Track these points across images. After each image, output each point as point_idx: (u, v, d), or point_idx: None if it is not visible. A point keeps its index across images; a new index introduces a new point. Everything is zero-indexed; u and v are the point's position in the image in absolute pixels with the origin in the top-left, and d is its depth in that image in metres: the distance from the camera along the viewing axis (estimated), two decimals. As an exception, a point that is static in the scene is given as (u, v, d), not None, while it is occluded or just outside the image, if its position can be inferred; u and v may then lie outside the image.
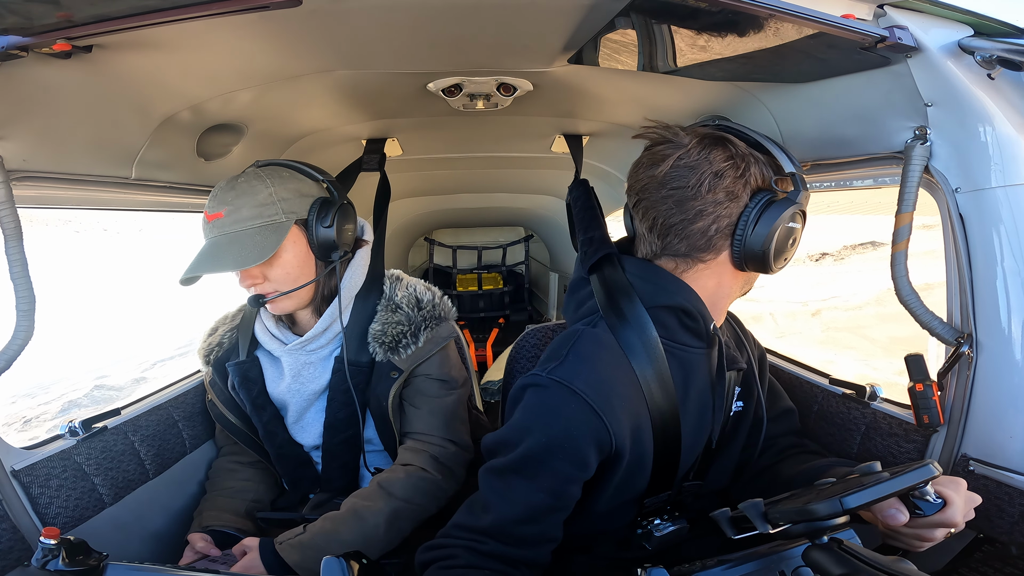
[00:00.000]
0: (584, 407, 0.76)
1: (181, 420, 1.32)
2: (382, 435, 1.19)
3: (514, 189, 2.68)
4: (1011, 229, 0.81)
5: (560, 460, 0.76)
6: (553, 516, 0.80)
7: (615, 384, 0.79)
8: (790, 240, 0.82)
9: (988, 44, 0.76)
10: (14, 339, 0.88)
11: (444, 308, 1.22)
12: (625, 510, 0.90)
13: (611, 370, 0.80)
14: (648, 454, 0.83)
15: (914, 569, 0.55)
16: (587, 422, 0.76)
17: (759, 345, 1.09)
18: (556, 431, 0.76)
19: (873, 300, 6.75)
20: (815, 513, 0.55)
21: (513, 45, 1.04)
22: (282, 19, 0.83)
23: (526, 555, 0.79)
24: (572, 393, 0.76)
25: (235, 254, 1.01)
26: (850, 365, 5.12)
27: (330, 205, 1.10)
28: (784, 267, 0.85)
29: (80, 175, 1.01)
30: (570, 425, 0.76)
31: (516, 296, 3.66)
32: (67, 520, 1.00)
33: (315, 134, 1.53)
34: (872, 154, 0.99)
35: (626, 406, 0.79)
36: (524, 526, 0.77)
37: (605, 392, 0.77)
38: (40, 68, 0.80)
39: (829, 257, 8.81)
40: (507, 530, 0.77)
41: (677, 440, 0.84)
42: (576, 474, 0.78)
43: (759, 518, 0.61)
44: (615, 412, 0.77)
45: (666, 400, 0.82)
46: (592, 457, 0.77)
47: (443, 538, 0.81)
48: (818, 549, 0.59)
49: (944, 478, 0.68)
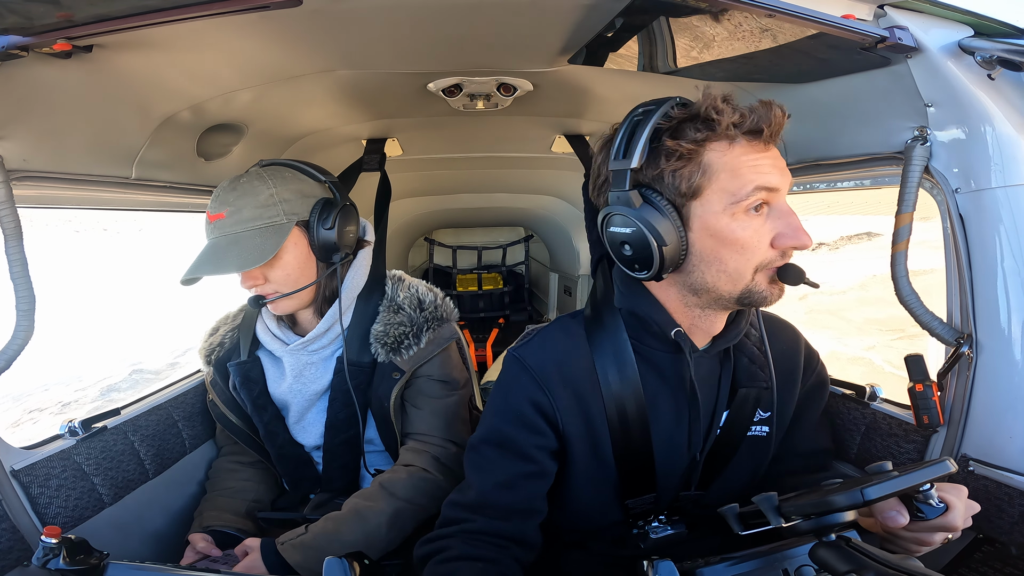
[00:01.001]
0: (531, 379, 0.85)
1: (181, 420, 1.32)
2: (383, 435, 1.19)
3: (514, 189, 2.68)
4: (1011, 229, 0.81)
5: (516, 427, 0.85)
6: (530, 484, 0.85)
7: (564, 366, 0.85)
8: (621, 244, 0.79)
9: (988, 44, 0.76)
10: (14, 339, 0.88)
11: (446, 309, 1.22)
12: (609, 508, 0.90)
13: (564, 354, 0.87)
14: (604, 443, 0.85)
15: (921, 566, 0.55)
16: (532, 393, 0.85)
17: (820, 376, 0.99)
18: (511, 401, 0.86)
19: (857, 286, 7.18)
20: (834, 504, 0.55)
21: (513, 45, 1.04)
22: (282, 19, 0.83)
23: (513, 530, 0.83)
24: (523, 368, 0.86)
25: (235, 256, 1.01)
26: (824, 343, 5.46)
27: (332, 206, 1.10)
28: (655, 273, 0.77)
29: (80, 175, 1.01)
30: (520, 395, 0.85)
31: (516, 296, 3.66)
32: (67, 520, 1.00)
33: (315, 134, 1.53)
34: (872, 154, 0.99)
35: (573, 387, 0.85)
36: (504, 493, 0.83)
37: (550, 369, 0.85)
38: (40, 68, 0.80)
39: (824, 247, 9.24)
40: (489, 500, 0.83)
41: (645, 438, 0.85)
42: (536, 439, 0.85)
43: (772, 511, 0.61)
44: (557, 388, 0.84)
45: (628, 394, 0.84)
46: (543, 424, 0.85)
47: (438, 529, 0.86)
48: (825, 547, 0.59)
49: (946, 484, 0.69)
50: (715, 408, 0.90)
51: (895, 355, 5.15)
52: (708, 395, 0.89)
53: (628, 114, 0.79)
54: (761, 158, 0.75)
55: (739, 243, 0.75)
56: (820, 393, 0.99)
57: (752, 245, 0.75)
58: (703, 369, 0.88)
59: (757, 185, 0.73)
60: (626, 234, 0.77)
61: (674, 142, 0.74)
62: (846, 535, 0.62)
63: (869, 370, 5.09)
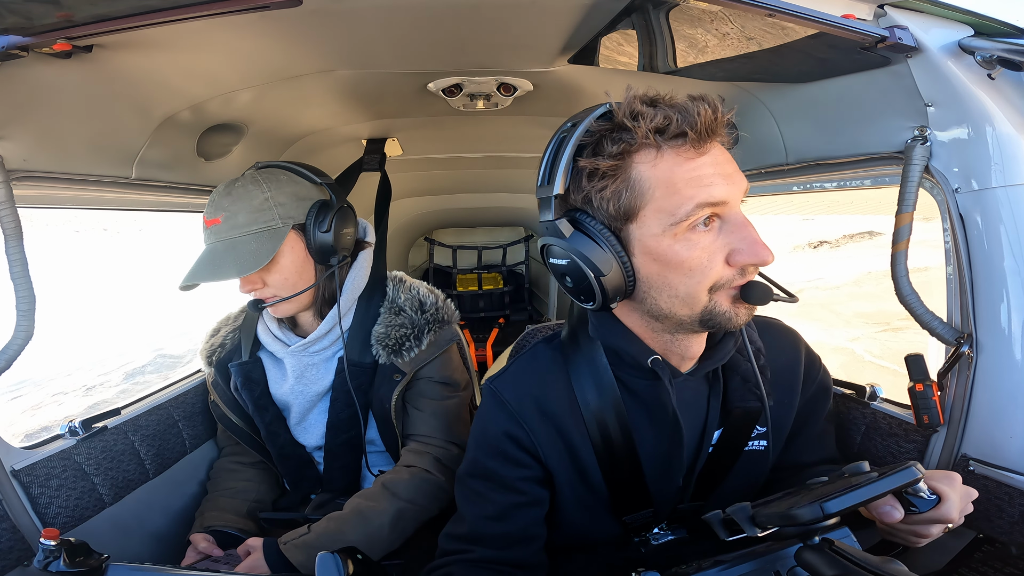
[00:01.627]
0: (508, 415, 0.82)
1: (181, 420, 1.32)
2: (384, 436, 1.20)
3: (514, 189, 2.67)
4: (1011, 229, 0.81)
5: (498, 461, 0.82)
6: (522, 512, 0.82)
7: (542, 400, 0.82)
8: (563, 276, 0.73)
9: (988, 44, 0.76)
10: (14, 339, 0.88)
11: (447, 311, 1.22)
12: (606, 526, 0.88)
13: (541, 386, 0.83)
14: (592, 469, 0.82)
15: (904, 569, 0.55)
16: (510, 428, 0.81)
17: (822, 384, 0.93)
18: (488, 436, 0.83)
19: (851, 282, 7.36)
20: (798, 519, 0.55)
21: (513, 45, 1.04)
22: (282, 19, 0.83)
23: (514, 556, 0.81)
24: (499, 402, 0.83)
25: (231, 262, 1.01)
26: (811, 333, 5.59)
27: (328, 209, 1.09)
28: (600, 305, 0.71)
29: (80, 175, 1.01)
30: (497, 430, 0.82)
31: (516, 296, 3.65)
32: (67, 520, 1.00)
33: (315, 134, 1.53)
34: (872, 154, 0.98)
35: (553, 421, 0.81)
36: (497, 524, 0.81)
37: (527, 403, 0.82)
38: (40, 68, 0.80)
39: (826, 244, 9.41)
40: (483, 532, 0.81)
41: (632, 456, 0.81)
42: (520, 472, 0.82)
43: (747, 522, 0.61)
44: (535, 423, 0.81)
45: (609, 413, 0.80)
46: (525, 457, 0.82)
47: (439, 558, 0.84)
48: (809, 550, 0.59)
49: (938, 473, 0.68)
50: (704, 428, 0.85)
51: (877, 346, 5.29)
52: (695, 417, 0.84)
53: (557, 130, 0.71)
54: (699, 166, 0.65)
55: (686, 266, 0.67)
56: (823, 401, 0.93)
57: (701, 266, 0.67)
58: (688, 393, 0.83)
59: (698, 202, 0.65)
60: (563, 265, 0.70)
61: (591, 160, 0.67)
62: (832, 536, 0.62)
63: (850, 359, 5.27)
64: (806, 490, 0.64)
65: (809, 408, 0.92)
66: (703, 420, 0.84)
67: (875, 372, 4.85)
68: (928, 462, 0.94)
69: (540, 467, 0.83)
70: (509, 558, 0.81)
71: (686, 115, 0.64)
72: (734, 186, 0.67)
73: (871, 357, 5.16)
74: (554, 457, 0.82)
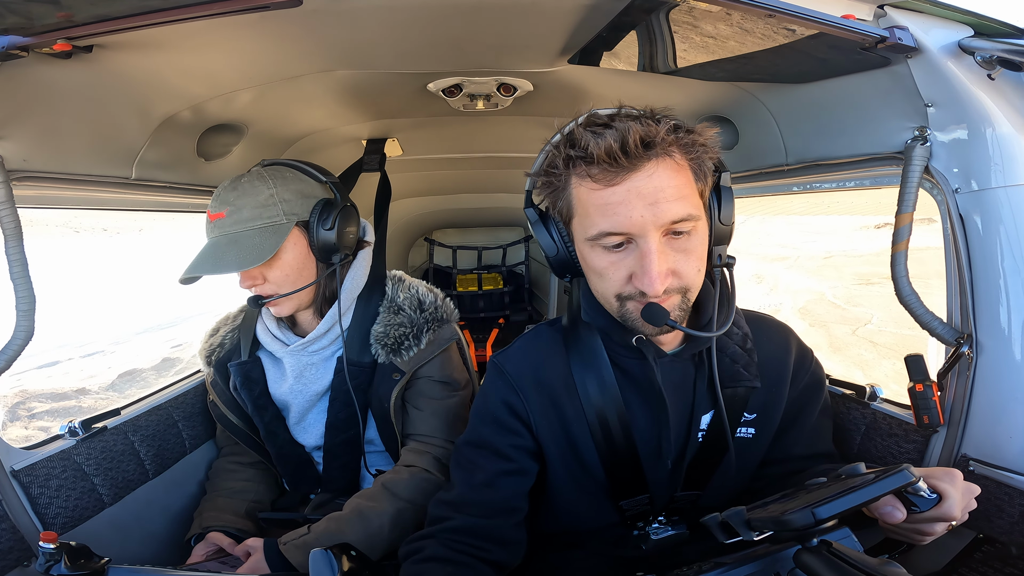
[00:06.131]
0: (505, 383, 0.89)
1: (181, 420, 1.32)
2: (383, 436, 1.19)
3: (514, 189, 2.68)
4: (1011, 229, 0.81)
5: (493, 427, 0.88)
6: (509, 481, 0.87)
7: (539, 372, 0.89)
8: None
9: (988, 44, 0.76)
10: (14, 339, 0.88)
11: (446, 310, 1.22)
12: (602, 510, 0.90)
13: (541, 361, 0.90)
14: (586, 446, 0.87)
15: (902, 571, 0.55)
16: (506, 396, 0.88)
17: (814, 376, 0.93)
18: (488, 404, 0.90)
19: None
20: (789, 524, 0.56)
21: (513, 45, 1.04)
22: (282, 19, 0.83)
23: (492, 527, 0.85)
24: (500, 372, 0.90)
25: (234, 255, 1.01)
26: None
27: (332, 207, 1.09)
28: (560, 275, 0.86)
29: (80, 175, 1.01)
30: (495, 398, 0.89)
31: (516, 296, 3.65)
32: (67, 520, 1.00)
33: (315, 134, 1.53)
34: (872, 154, 0.98)
35: (548, 392, 0.88)
36: (484, 491, 0.86)
37: (525, 374, 0.89)
38: (40, 68, 0.80)
39: None
40: (470, 498, 0.86)
41: (629, 443, 0.85)
42: (511, 439, 0.88)
43: (742, 526, 0.61)
44: (530, 392, 0.88)
45: (609, 404, 0.85)
46: (517, 425, 0.88)
47: (426, 526, 0.87)
48: (807, 552, 0.59)
49: (939, 471, 0.68)
50: (692, 411, 0.87)
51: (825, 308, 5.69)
52: (682, 399, 0.87)
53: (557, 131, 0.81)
54: (609, 195, 0.70)
55: (596, 271, 0.76)
56: (816, 393, 0.94)
57: (608, 275, 0.75)
58: (676, 374, 0.86)
59: (601, 230, 0.72)
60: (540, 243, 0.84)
61: (548, 168, 0.77)
62: (831, 537, 0.62)
63: (793, 321, 5.48)
64: (802, 492, 0.64)
65: (802, 400, 0.93)
66: (691, 402, 0.88)
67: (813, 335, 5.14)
68: (928, 462, 0.94)
69: (531, 438, 0.88)
70: (488, 529, 0.84)
71: (607, 144, 0.69)
72: (656, 213, 0.70)
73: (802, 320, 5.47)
74: (545, 427, 0.88)
